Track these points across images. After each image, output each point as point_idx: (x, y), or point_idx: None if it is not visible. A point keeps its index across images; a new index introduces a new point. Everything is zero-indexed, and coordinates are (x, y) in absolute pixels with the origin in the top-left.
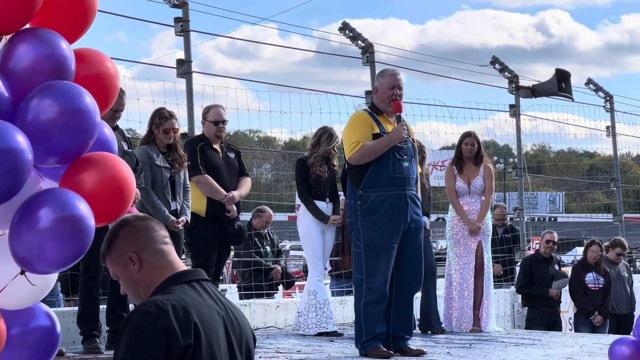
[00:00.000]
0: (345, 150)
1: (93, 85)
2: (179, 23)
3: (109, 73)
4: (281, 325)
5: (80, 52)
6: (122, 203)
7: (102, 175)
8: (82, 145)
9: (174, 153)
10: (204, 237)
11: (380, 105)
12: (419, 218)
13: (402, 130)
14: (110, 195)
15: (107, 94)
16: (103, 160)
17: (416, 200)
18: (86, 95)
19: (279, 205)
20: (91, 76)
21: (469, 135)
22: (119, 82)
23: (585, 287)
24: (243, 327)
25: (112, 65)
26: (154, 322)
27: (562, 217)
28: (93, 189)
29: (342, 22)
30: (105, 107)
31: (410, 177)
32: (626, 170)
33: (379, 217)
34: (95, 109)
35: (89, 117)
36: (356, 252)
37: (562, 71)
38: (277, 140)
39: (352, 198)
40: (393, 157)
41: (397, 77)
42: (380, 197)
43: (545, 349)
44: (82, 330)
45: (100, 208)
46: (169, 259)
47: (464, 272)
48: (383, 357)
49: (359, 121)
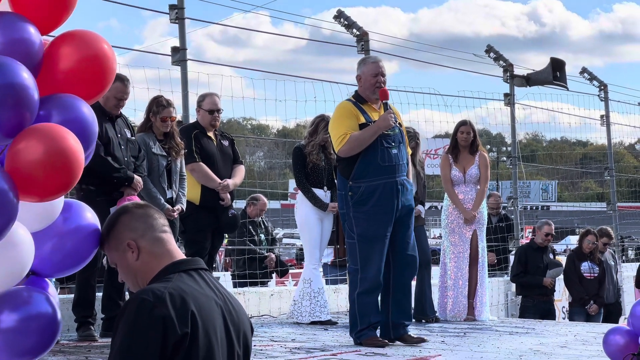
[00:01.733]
0: (333, 144)
1: (87, 66)
2: (174, 10)
3: (104, 54)
4: (275, 313)
5: (72, 34)
6: (69, 175)
7: (47, 148)
8: (20, 120)
9: (170, 141)
10: (198, 225)
11: (364, 93)
12: (409, 204)
13: (388, 117)
14: (55, 167)
15: (103, 76)
16: (47, 131)
17: (407, 185)
18: (22, 71)
19: (272, 193)
20: (85, 57)
21: (464, 124)
22: (115, 65)
23: (581, 276)
24: (241, 317)
25: (107, 47)
26: (150, 310)
27: (554, 205)
28: (36, 162)
29: (337, 11)
30: (102, 90)
31: (400, 164)
32: (619, 159)
33: (370, 207)
34: (32, 85)
35: (26, 92)
36: (350, 242)
37: (557, 60)
38: (271, 128)
39: (342, 189)
40: (381, 145)
41: (380, 65)
42: (371, 187)
43: (539, 338)
44: (77, 317)
45: (44, 181)
46: (168, 247)
47: (458, 261)
48: (378, 345)
49: (344, 112)
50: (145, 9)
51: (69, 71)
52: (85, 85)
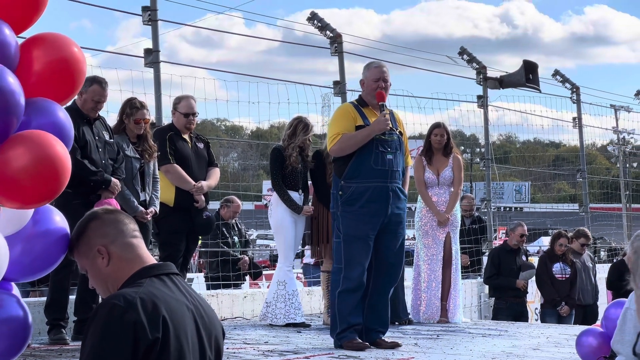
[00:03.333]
0: (327, 143)
1: (57, 69)
2: (146, 12)
3: (74, 57)
4: (248, 315)
5: (43, 37)
6: (56, 183)
7: (34, 154)
8: (7, 126)
9: (144, 143)
10: (172, 227)
11: (366, 97)
12: (400, 212)
13: (383, 121)
14: (43, 175)
15: (73, 79)
16: (35, 138)
17: (400, 194)
18: (8, 75)
19: (246, 195)
20: (55, 61)
21: (438, 126)
22: (85, 67)
23: (553, 277)
24: (212, 321)
25: (78, 50)
26: (121, 315)
27: (528, 207)
28: (23, 169)
29: (311, 12)
30: (72, 93)
31: (394, 170)
32: (591, 161)
33: (358, 208)
34: (19, 90)
35: (12, 97)
36: (336, 242)
37: (530, 62)
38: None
39: (335, 188)
40: (376, 149)
41: (383, 70)
42: (361, 188)
43: (512, 340)
44: (49, 319)
45: (31, 188)
46: (139, 252)
47: (432, 263)
48: (358, 349)
49: (342, 114)
50: (117, 11)
51: (40, 74)
52: (55, 88)
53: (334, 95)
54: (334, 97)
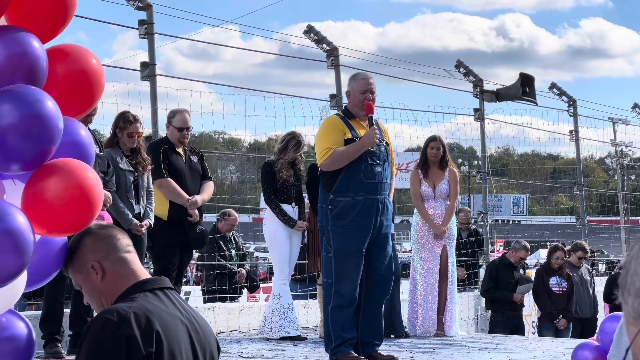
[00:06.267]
0: (317, 157)
1: (76, 82)
2: (143, 25)
3: (94, 70)
4: (245, 329)
5: (63, 48)
6: (88, 212)
7: (67, 183)
8: (44, 152)
9: (137, 156)
10: (166, 240)
11: (352, 109)
12: (388, 224)
13: (373, 134)
14: (75, 205)
15: (92, 92)
16: (68, 168)
17: (388, 205)
18: (47, 100)
19: (243, 207)
20: (76, 74)
21: (434, 140)
22: (104, 80)
23: (550, 291)
24: (207, 335)
25: (97, 62)
26: (114, 330)
27: (525, 219)
28: (56, 197)
29: (307, 26)
30: (89, 107)
31: (382, 182)
32: (589, 173)
33: (348, 222)
34: (57, 114)
35: (50, 123)
36: (326, 256)
37: (527, 75)
38: (242, 141)
39: (323, 202)
40: (365, 162)
41: (370, 81)
42: (351, 202)
43: (508, 354)
44: (45, 333)
45: (64, 217)
46: (132, 267)
47: (428, 276)
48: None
49: (331, 127)
50: (113, 24)
51: (62, 88)
52: (74, 103)
53: (330, 108)
54: (332, 110)
